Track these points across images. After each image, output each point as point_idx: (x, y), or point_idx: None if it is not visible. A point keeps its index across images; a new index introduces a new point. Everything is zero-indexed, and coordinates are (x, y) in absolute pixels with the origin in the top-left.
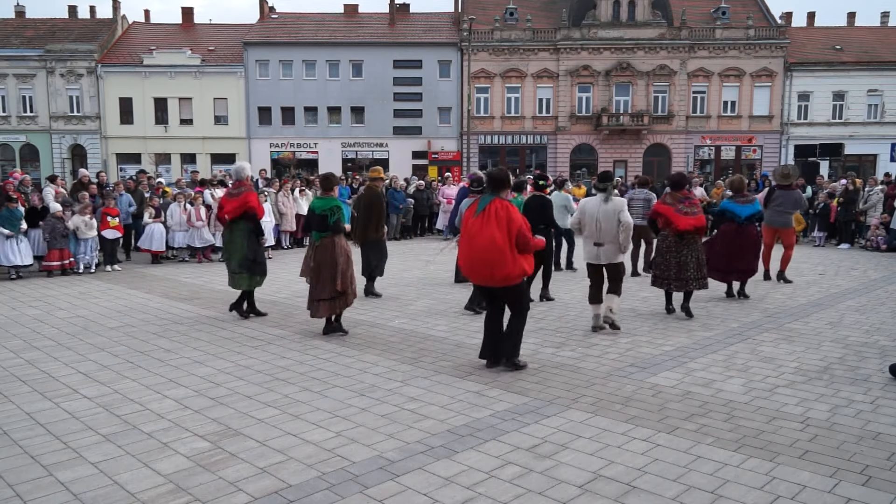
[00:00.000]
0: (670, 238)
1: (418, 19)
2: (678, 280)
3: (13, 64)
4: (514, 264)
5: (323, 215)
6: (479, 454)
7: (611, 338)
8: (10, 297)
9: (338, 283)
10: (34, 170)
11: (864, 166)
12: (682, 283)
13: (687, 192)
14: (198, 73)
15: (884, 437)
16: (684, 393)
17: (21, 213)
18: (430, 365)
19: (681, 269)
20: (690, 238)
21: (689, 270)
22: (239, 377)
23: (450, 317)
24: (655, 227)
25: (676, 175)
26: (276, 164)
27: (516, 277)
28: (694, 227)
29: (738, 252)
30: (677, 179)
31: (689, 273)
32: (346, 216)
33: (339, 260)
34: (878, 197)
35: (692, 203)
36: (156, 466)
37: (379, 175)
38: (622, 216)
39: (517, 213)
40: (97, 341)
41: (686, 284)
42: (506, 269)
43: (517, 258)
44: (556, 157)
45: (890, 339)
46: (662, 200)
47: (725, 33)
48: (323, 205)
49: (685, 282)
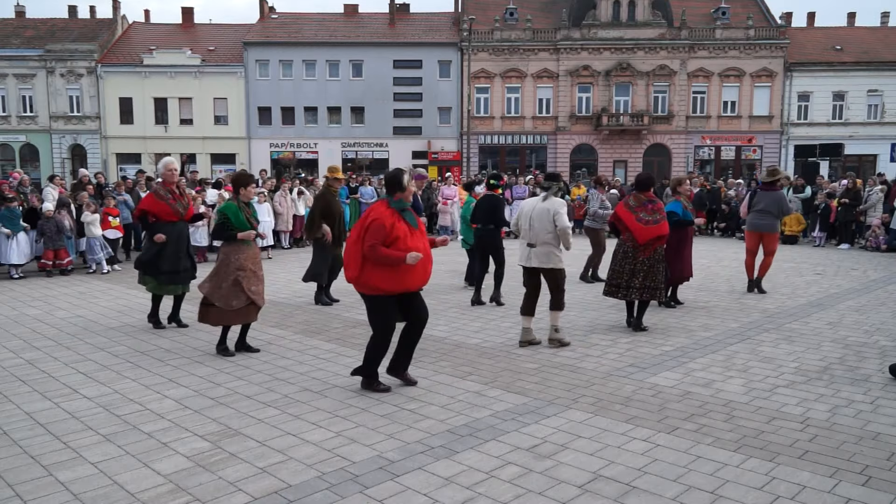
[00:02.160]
0: (627, 244)
1: (418, 19)
2: (626, 288)
3: (13, 64)
4: (359, 269)
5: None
6: (479, 454)
7: (610, 338)
8: (10, 297)
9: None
10: (34, 170)
11: (864, 166)
12: (627, 292)
13: (653, 194)
14: (198, 73)
15: (884, 437)
16: (684, 393)
17: (20, 213)
18: (430, 365)
19: (632, 276)
20: (649, 246)
21: (638, 279)
22: (239, 377)
23: (450, 317)
24: (617, 231)
25: (643, 175)
26: (277, 164)
27: (363, 287)
28: (652, 238)
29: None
30: (643, 179)
31: (637, 282)
32: (346, 217)
33: (218, 267)
34: (878, 197)
35: (655, 209)
36: (156, 466)
37: (335, 175)
38: (558, 219)
39: (380, 221)
40: (97, 341)
41: (630, 293)
42: (350, 270)
43: (365, 266)
44: (556, 158)
45: (890, 339)
46: (626, 203)
47: (725, 33)
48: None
49: (630, 290)
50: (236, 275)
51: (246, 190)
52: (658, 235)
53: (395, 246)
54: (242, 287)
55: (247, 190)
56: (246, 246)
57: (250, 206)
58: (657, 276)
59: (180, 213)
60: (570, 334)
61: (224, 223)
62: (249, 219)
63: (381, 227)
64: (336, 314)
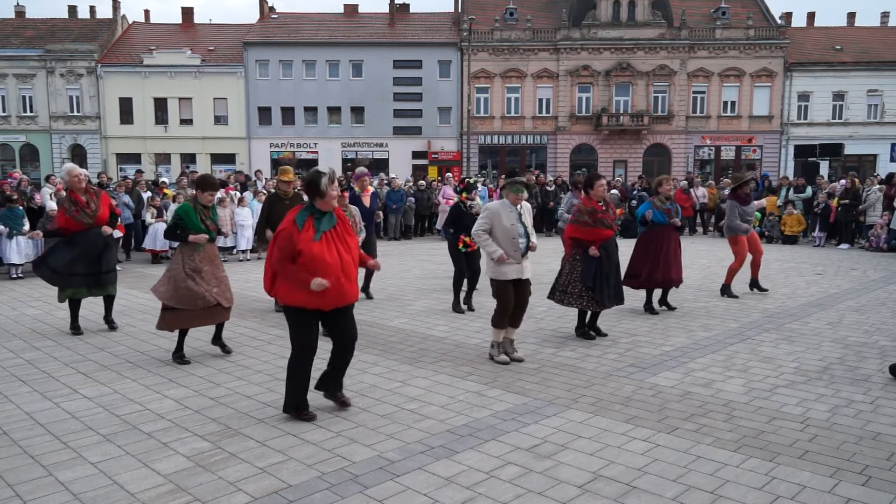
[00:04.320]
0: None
1: (418, 19)
2: (562, 293)
3: (13, 64)
4: (270, 279)
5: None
6: (479, 454)
7: (611, 338)
8: (10, 297)
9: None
10: (34, 170)
11: (864, 166)
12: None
13: (580, 194)
14: (198, 73)
15: (884, 437)
16: (684, 393)
17: (22, 213)
18: (430, 365)
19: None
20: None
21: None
22: (239, 377)
23: (450, 317)
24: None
25: (587, 175)
26: (276, 164)
27: (279, 298)
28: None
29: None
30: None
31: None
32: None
33: (173, 270)
34: (877, 196)
35: (577, 210)
36: (156, 466)
37: (285, 178)
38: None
39: (285, 227)
40: (97, 341)
41: (563, 299)
42: (265, 280)
43: (276, 277)
44: (556, 158)
45: (890, 339)
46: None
47: (725, 33)
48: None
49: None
50: (192, 276)
51: (203, 194)
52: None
53: (300, 260)
54: (203, 288)
55: (204, 195)
56: (201, 247)
57: (211, 209)
58: (568, 281)
59: (86, 222)
60: (570, 335)
61: (177, 224)
62: (205, 220)
63: (286, 237)
64: None
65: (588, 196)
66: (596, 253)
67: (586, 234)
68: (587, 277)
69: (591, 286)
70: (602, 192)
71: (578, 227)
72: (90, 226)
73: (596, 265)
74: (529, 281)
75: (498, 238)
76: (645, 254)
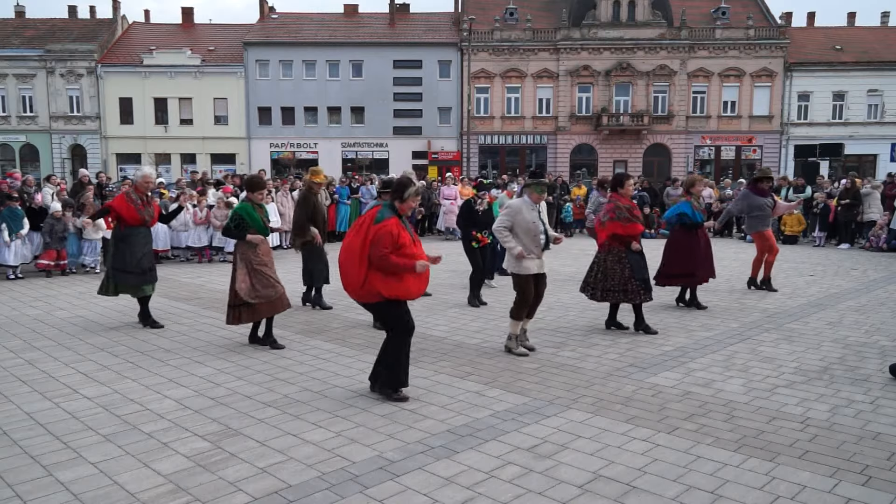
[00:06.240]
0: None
1: (418, 19)
2: (592, 288)
3: (13, 64)
4: (362, 277)
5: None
6: (479, 454)
7: (611, 338)
8: (10, 297)
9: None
10: (34, 170)
11: (864, 166)
12: (593, 293)
13: (610, 193)
14: (198, 73)
15: (884, 437)
16: (684, 393)
17: (23, 213)
18: (430, 365)
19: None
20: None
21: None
22: (239, 377)
23: (450, 317)
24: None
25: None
26: (276, 164)
27: (368, 295)
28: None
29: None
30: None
31: (600, 283)
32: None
33: (236, 268)
34: (868, 191)
35: (606, 209)
36: (156, 466)
37: (317, 179)
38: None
39: (387, 229)
40: (97, 341)
41: (595, 294)
42: (352, 277)
43: (369, 274)
44: (556, 158)
45: (890, 339)
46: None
47: (725, 33)
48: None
49: (596, 291)
50: (261, 269)
51: (255, 194)
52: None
53: (402, 253)
54: (272, 279)
55: (255, 194)
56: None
57: (263, 208)
58: (614, 278)
59: (146, 219)
60: (570, 334)
61: (240, 223)
62: (263, 219)
63: (388, 234)
64: (336, 314)
65: (619, 194)
66: (638, 247)
67: (626, 229)
68: (641, 271)
69: (645, 278)
70: (632, 190)
71: (620, 223)
72: (146, 224)
73: (641, 259)
74: (545, 275)
75: (520, 234)
76: (688, 253)
